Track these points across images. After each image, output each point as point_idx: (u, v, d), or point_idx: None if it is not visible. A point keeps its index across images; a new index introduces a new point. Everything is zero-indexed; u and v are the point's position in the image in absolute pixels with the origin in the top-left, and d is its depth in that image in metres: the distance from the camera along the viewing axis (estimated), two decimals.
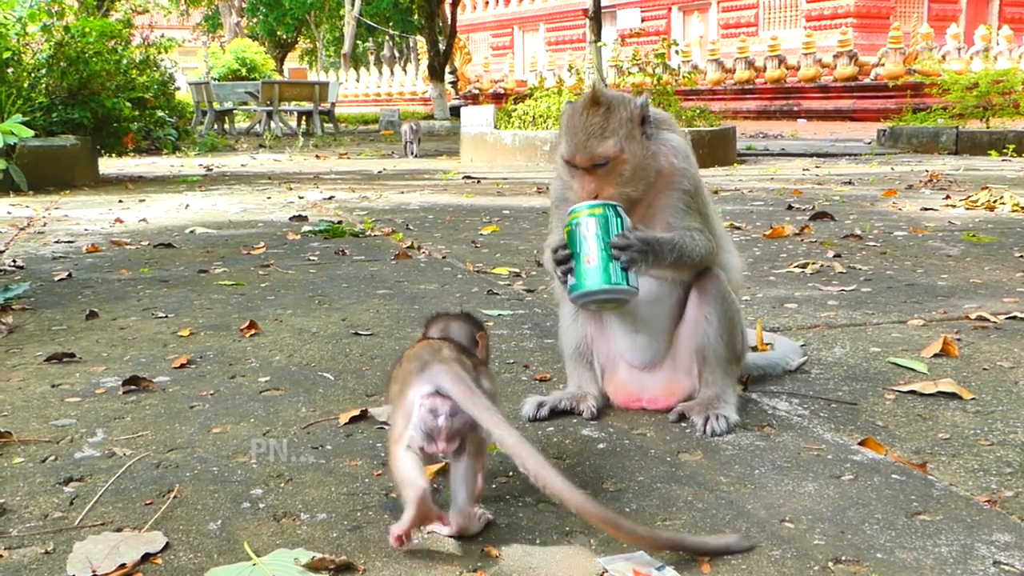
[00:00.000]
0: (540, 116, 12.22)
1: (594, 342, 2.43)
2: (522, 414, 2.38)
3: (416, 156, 13.81)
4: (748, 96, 26.77)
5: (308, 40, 45.34)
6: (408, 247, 5.19)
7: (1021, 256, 4.73)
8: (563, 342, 2.48)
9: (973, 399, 2.49)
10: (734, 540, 1.65)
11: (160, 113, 13.40)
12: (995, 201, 6.83)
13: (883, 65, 23.69)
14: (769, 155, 13.38)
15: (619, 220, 2.17)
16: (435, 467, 1.95)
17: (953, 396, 2.52)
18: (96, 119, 10.36)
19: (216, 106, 21.94)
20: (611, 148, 2.18)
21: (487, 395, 1.73)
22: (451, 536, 1.71)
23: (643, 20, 34.50)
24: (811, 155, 13.19)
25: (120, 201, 7.97)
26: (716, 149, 11.59)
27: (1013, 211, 6.51)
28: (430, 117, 24.64)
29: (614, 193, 2.20)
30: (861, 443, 2.17)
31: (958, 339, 3.10)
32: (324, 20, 41.60)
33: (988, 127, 13.74)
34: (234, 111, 23.40)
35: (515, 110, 12.59)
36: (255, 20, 39.57)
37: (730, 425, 2.27)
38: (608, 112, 2.19)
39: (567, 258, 2.20)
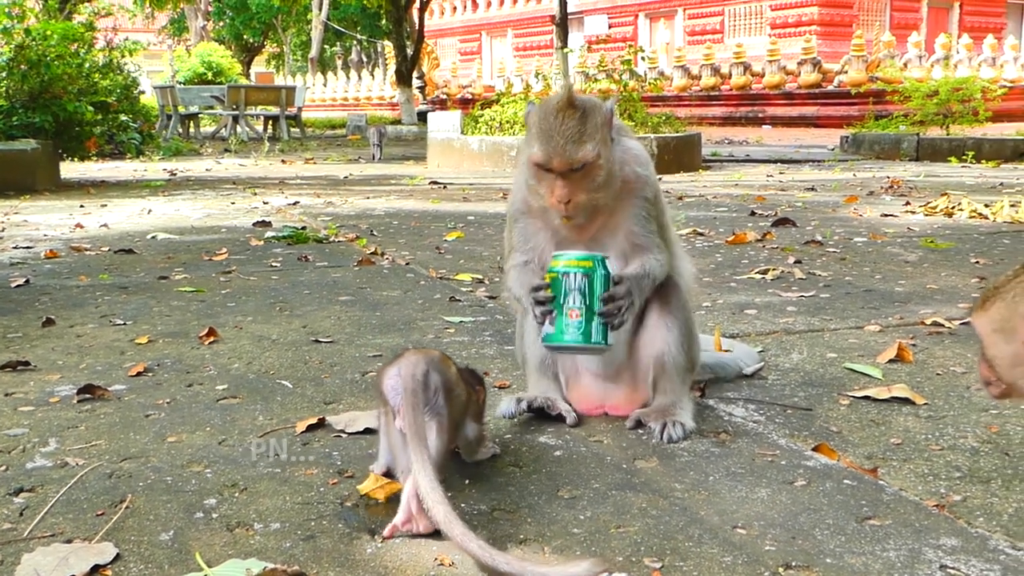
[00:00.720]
0: (507, 122, 12.24)
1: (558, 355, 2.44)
2: (501, 412, 2.39)
3: (379, 160, 13.81)
4: (714, 103, 26.98)
5: (275, 44, 45.11)
6: (372, 253, 5.18)
7: (977, 262, 4.80)
8: (525, 354, 2.48)
9: (925, 404, 2.53)
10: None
11: (123, 117, 13.25)
12: (953, 207, 6.93)
13: (846, 72, 23.98)
14: (734, 161, 13.48)
15: (606, 275, 2.18)
16: None
17: (906, 401, 2.55)
18: (58, 123, 10.25)
19: (181, 110, 21.77)
20: (590, 153, 2.17)
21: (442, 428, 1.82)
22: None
23: (610, 27, 34.67)
24: (775, 161, 13.31)
25: (81, 206, 7.88)
26: (682, 155, 11.67)
27: (971, 217, 6.61)
28: (397, 122, 24.57)
29: (584, 199, 2.20)
30: (814, 449, 2.20)
31: (913, 345, 3.15)
32: (291, 24, 41.42)
33: (948, 134, 13.94)
34: (199, 115, 23.20)
35: (482, 116, 12.61)
36: (221, 24, 39.35)
37: (686, 432, 2.29)
38: (584, 116, 2.18)
39: (547, 301, 2.19)
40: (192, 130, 22.49)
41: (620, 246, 2.33)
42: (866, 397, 2.58)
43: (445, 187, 9.58)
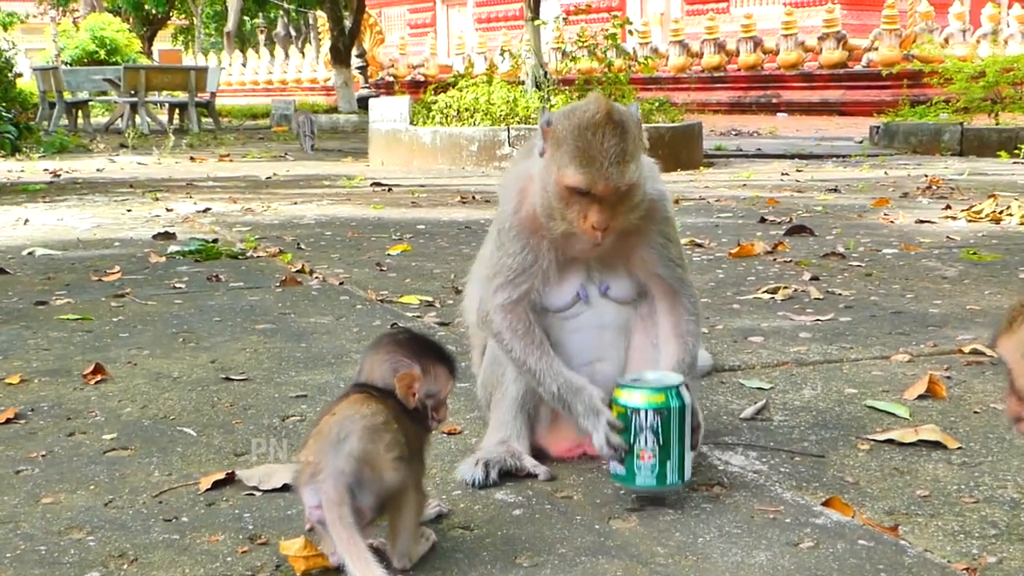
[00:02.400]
0: (466, 109, 12.30)
1: None
2: (464, 478, 2.38)
3: (312, 151, 13.85)
4: (718, 85, 27.23)
5: (183, 16, 45.05)
6: (298, 271, 5.19)
7: None
8: (500, 390, 2.51)
9: (959, 448, 2.58)
10: None
11: None
12: (1002, 212, 7.05)
13: (876, 49, 24.29)
14: (742, 156, 13.63)
15: (682, 407, 2.26)
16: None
17: (936, 445, 2.60)
18: None
19: (67, 97, 21.68)
20: (634, 175, 2.28)
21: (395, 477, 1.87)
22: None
23: None
24: (792, 156, 13.47)
25: None
26: (679, 150, 11.76)
27: (1022, 223, 6.73)
28: (333, 110, 24.58)
29: (620, 224, 2.32)
30: (825, 503, 2.24)
31: (947, 377, 3.21)
32: None
33: (997, 123, 14.16)
34: (90, 103, 23.12)
35: (436, 102, 12.65)
36: None
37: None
38: (624, 131, 2.27)
39: (621, 448, 2.26)
40: (81, 121, 22.40)
41: (632, 269, 2.47)
42: (889, 441, 2.63)
43: (390, 189, 9.61)
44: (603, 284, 2.48)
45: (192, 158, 14.07)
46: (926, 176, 10.14)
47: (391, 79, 32.26)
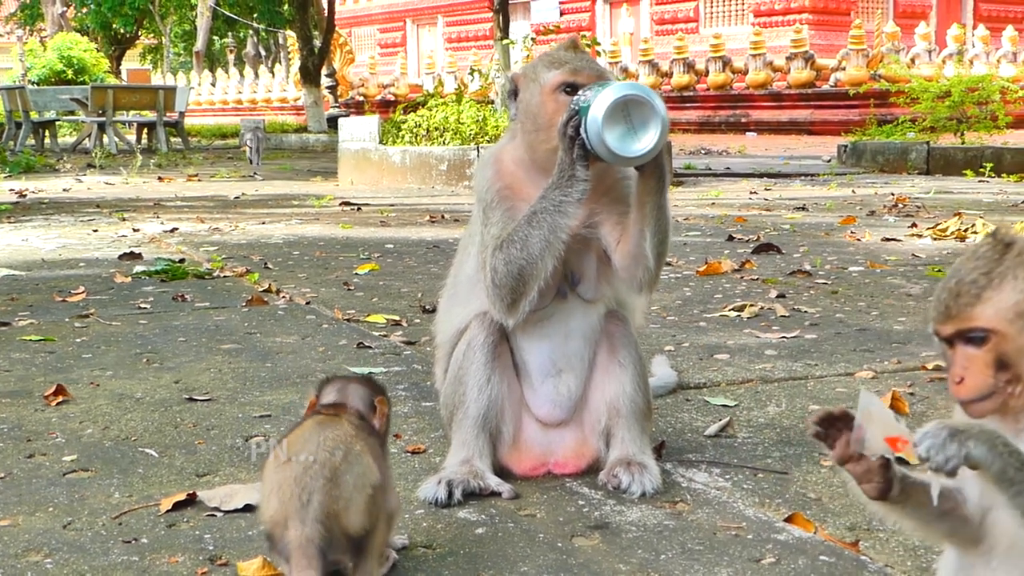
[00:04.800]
0: (436, 129, 12.32)
1: (506, 402, 2.49)
2: (426, 497, 2.38)
3: (258, 166, 13.89)
4: (688, 105, 27.42)
5: (152, 35, 44.93)
6: (264, 291, 5.18)
7: None
8: (463, 407, 2.50)
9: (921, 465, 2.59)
10: None
11: None
12: (967, 229, 7.12)
13: (843, 69, 24.55)
14: (711, 175, 13.71)
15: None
16: None
17: (899, 461, 2.61)
18: None
19: (34, 116, 21.55)
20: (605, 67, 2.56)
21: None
22: None
23: (562, 13, 35.14)
24: (760, 175, 13.56)
25: None
26: None
27: None
28: (303, 129, 24.61)
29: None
30: (787, 520, 2.25)
31: (911, 393, 3.23)
32: (172, 11, 41.32)
33: (963, 143, 14.33)
34: (57, 122, 22.99)
35: (405, 121, 12.67)
36: (85, 10, 39.06)
37: (656, 488, 2.40)
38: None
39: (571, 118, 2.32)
40: (48, 141, 22.25)
41: (608, 226, 2.50)
42: None
43: (359, 209, 9.61)
44: (575, 276, 2.50)
45: (160, 178, 14.02)
46: (893, 194, 10.23)
47: (361, 98, 32.32)
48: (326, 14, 25.24)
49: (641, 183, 2.41)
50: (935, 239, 7.01)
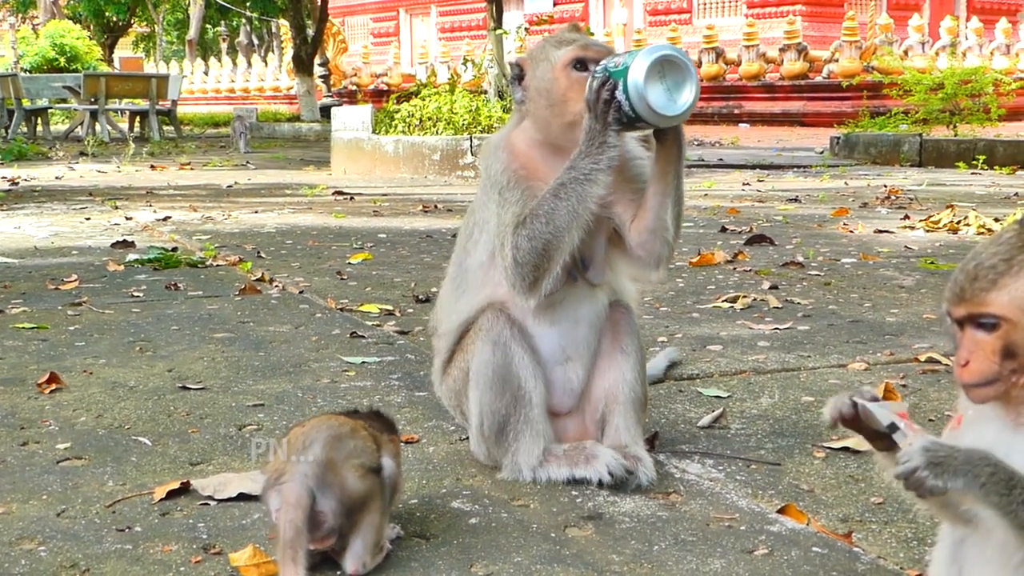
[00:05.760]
0: (428, 118, 12.30)
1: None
2: (537, 473, 2.43)
3: (246, 152, 13.94)
4: None
5: (144, 23, 44.80)
6: (257, 279, 5.17)
7: None
8: (524, 401, 2.43)
9: None
10: None
11: None
12: (959, 222, 7.14)
13: (837, 61, 24.52)
14: (704, 167, 13.70)
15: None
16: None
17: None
18: None
19: (26, 104, 21.49)
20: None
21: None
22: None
23: (555, 4, 35.07)
24: (753, 167, 13.57)
25: None
26: None
27: (979, 233, 6.81)
28: (296, 119, 24.54)
29: None
30: (780, 511, 2.26)
31: (903, 385, 3.24)
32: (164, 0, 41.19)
33: (956, 135, 14.33)
34: (49, 110, 22.93)
35: (398, 111, 12.65)
36: None
37: (650, 480, 2.40)
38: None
39: (604, 83, 2.33)
40: (40, 129, 22.20)
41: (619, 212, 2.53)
42: (845, 449, 2.65)
43: (352, 198, 9.59)
44: (584, 259, 2.51)
45: (153, 166, 13.99)
46: (885, 186, 10.24)
47: (354, 88, 32.23)
48: (319, 3, 25.14)
49: (663, 151, 2.44)
50: (928, 231, 7.02)
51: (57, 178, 12.10)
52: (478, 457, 2.56)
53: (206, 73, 39.48)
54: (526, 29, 14.22)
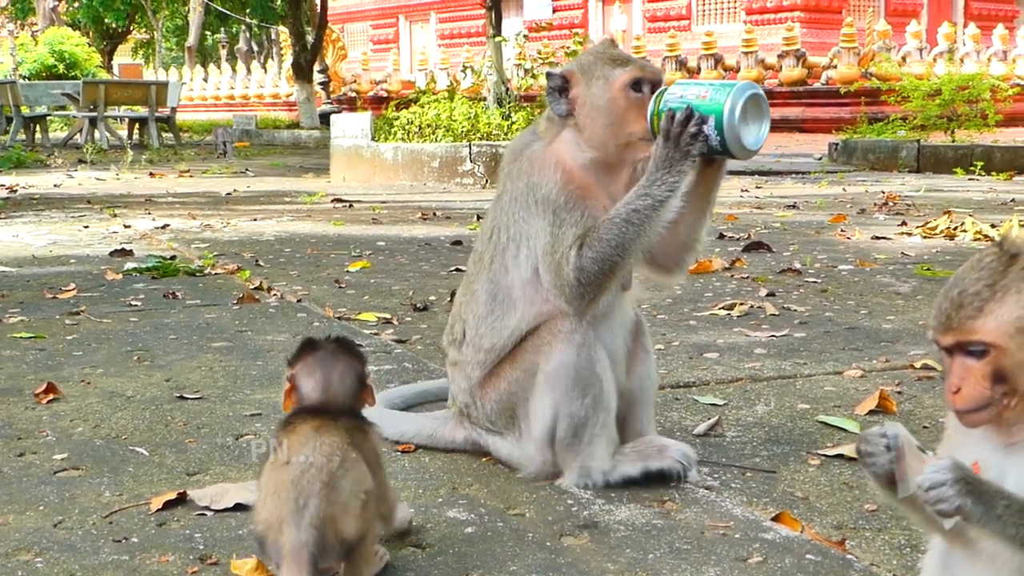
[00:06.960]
0: (428, 125, 12.32)
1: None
2: (610, 475, 2.47)
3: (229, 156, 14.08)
4: None
5: (144, 30, 44.86)
6: (256, 288, 5.18)
7: None
8: (601, 406, 2.47)
9: None
10: None
11: None
12: (956, 228, 7.15)
13: (835, 67, 24.55)
14: None
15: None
16: None
17: None
18: None
19: (25, 111, 21.51)
20: None
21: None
22: None
23: (554, 11, 35.12)
24: (751, 173, 13.57)
25: None
26: None
27: (975, 239, 6.82)
28: (295, 125, 24.57)
29: None
30: (775, 519, 2.27)
31: (899, 392, 3.25)
32: (164, 6, 41.23)
33: (953, 140, 14.36)
34: (48, 117, 22.94)
35: (398, 118, 12.67)
36: (76, 5, 39.00)
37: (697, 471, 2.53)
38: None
39: (690, 117, 2.37)
40: (39, 136, 22.22)
41: None
42: (839, 456, 2.66)
43: (351, 205, 9.61)
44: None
45: (152, 174, 14.00)
46: (883, 192, 10.25)
47: (353, 95, 32.24)
48: (319, 10, 25.19)
49: (708, 173, 2.50)
50: (925, 237, 7.03)
51: (55, 186, 12.12)
52: (525, 466, 2.52)
53: (205, 80, 39.51)
54: (525, 36, 14.24)
